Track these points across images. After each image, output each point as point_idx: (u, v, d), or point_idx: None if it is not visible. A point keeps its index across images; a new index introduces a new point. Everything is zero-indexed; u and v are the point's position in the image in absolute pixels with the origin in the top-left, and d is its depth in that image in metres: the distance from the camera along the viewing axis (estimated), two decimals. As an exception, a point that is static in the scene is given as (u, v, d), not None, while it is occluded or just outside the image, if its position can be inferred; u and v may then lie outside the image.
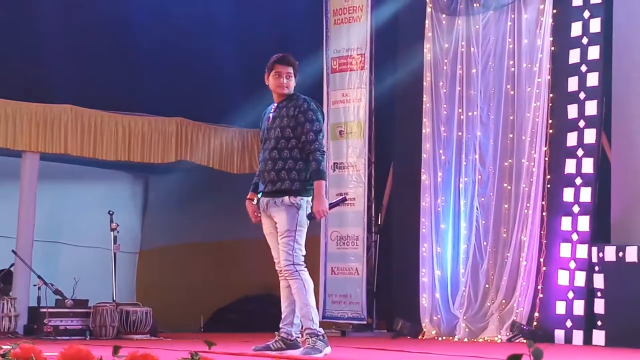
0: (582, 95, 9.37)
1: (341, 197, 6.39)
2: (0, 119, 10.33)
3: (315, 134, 6.42)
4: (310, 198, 6.44)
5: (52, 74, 10.65)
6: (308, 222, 6.45)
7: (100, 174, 12.72)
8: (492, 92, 10.15)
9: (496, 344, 9.25)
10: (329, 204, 6.53)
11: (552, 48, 9.71)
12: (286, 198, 6.39)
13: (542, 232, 9.57)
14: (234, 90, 11.56)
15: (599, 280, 8.86)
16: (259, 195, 6.58)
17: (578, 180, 9.31)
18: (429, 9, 10.73)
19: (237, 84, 11.59)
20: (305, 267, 6.48)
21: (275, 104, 6.68)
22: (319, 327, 6.43)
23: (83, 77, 10.88)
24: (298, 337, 6.54)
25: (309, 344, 6.32)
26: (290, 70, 6.62)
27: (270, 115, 6.67)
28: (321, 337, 6.34)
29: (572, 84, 9.47)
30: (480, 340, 9.63)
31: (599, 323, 8.79)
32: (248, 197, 6.72)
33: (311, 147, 6.40)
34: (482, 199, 10.09)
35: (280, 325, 6.58)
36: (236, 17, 11.83)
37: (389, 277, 11.03)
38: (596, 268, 8.93)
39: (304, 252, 6.47)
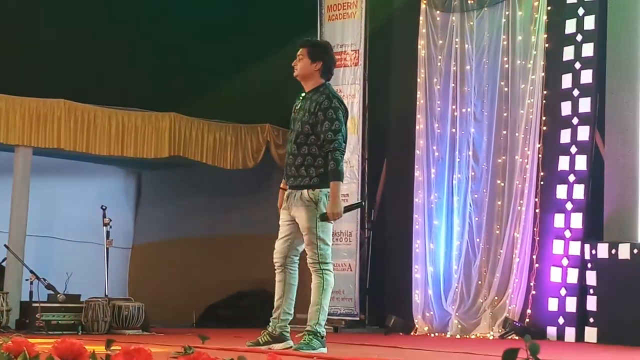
0: (575, 93, 9.39)
1: (357, 202, 6.32)
2: (-7, 113, 10.33)
3: (334, 133, 6.31)
4: (328, 190, 6.38)
5: (46, 68, 10.63)
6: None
7: (93, 169, 12.72)
8: (486, 89, 10.16)
9: (488, 341, 9.27)
10: (344, 207, 6.47)
11: (546, 45, 9.72)
12: (305, 192, 6.35)
13: (535, 229, 9.59)
14: (228, 85, 11.56)
15: (591, 278, 8.88)
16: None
17: (571, 178, 9.33)
18: (423, 6, 10.73)
19: (231, 79, 11.59)
20: (332, 266, 6.44)
21: (304, 93, 6.58)
22: (323, 329, 6.40)
23: (76, 71, 10.86)
24: (283, 332, 6.51)
25: (304, 340, 6.29)
26: (301, 51, 6.53)
27: (298, 104, 6.59)
28: (319, 338, 6.32)
29: (566, 81, 9.48)
30: (473, 336, 9.64)
31: (591, 320, 8.81)
32: (281, 186, 6.65)
33: (330, 147, 6.30)
34: (476, 196, 10.10)
35: (270, 319, 6.59)
36: (231, 12, 11.83)
37: (381, 273, 11.03)
38: (589, 265, 8.95)
39: (330, 247, 6.40)
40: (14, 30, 10.67)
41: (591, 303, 8.84)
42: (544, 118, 9.67)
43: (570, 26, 9.50)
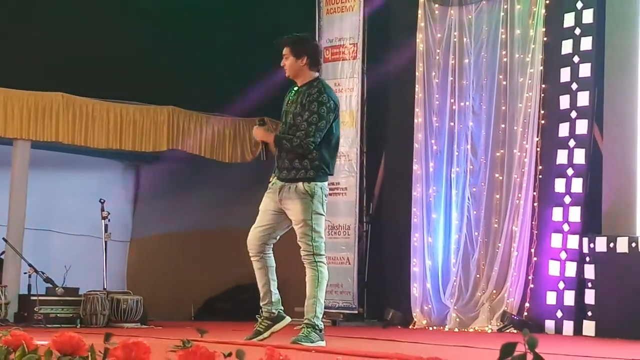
0: (574, 86, 9.38)
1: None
2: (-9, 107, 10.32)
3: (308, 125, 6.34)
4: (325, 184, 6.41)
5: (44, 62, 10.61)
6: (324, 210, 6.44)
7: (92, 162, 12.70)
8: (485, 83, 10.15)
9: (486, 334, 9.28)
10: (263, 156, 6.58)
11: (545, 38, 9.71)
12: (300, 185, 6.36)
13: (533, 222, 9.58)
14: (226, 78, 11.54)
15: (589, 271, 8.89)
16: (275, 173, 6.54)
17: (569, 171, 9.32)
18: (421, -1, 10.72)
19: (229, 72, 11.58)
20: (326, 258, 6.47)
21: (296, 88, 6.59)
22: (320, 321, 6.41)
23: (75, 65, 10.84)
24: (279, 311, 6.54)
25: (302, 332, 6.30)
26: (285, 51, 6.54)
27: (291, 98, 6.59)
28: (317, 331, 6.33)
29: (565, 74, 9.47)
30: (471, 330, 9.65)
31: (590, 314, 8.81)
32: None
33: (297, 134, 6.37)
34: (474, 189, 10.10)
35: (261, 305, 6.60)
36: (229, 6, 11.81)
37: (380, 266, 11.03)
38: (587, 259, 8.95)
39: (324, 240, 6.45)
40: (12, 23, 10.65)
41: (589, 297, 8.84)
42: (542, 112, 9.67)
43: (568, 20, 9.49)
